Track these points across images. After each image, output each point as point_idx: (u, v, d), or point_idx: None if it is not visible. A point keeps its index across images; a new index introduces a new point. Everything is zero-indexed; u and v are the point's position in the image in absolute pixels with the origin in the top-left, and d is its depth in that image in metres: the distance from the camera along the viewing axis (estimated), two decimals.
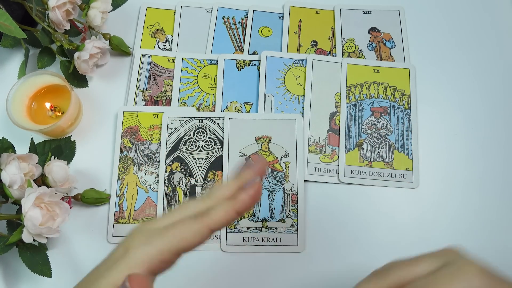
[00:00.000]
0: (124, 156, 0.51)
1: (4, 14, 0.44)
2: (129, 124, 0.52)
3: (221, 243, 0.48)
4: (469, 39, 0.58)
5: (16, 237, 0.41)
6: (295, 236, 0.48)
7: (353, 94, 0.54)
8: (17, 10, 0.54)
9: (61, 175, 0.46)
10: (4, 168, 0.42)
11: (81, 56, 0.51)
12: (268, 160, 0.51)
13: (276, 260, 0.47)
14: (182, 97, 0.54)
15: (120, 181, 0.50)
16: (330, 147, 0.52)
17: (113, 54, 0.57)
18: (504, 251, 0.48)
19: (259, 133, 0.52)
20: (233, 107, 0.54)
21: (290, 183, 0.50)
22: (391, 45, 0.57)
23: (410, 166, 0.51)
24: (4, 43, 0.52)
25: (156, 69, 0.56)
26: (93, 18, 0.52)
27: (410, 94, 0.54)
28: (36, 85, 0.52)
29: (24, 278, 0.46)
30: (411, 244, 0.48)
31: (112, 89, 0.55)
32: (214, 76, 0.55)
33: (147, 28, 0.59)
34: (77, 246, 0.48)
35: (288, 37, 0.58)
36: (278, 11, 0.60)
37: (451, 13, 0.60)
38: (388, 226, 0.49)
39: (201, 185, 0.50)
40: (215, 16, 0.59)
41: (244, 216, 0.49)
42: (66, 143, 0.51)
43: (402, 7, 0.60)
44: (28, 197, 0.40)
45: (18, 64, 0.55)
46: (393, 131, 0.53)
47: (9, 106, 0.49)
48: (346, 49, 0.57)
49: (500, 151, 0.52)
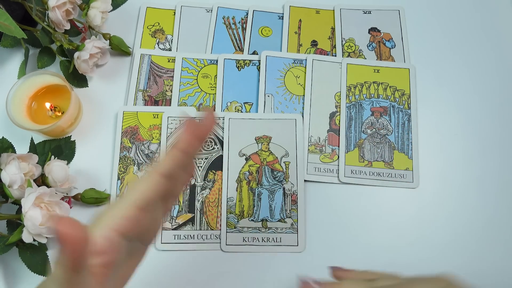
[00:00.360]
0: (124, 156, 0.51)
1: (4, 14, 0.44)
2: (129, 124, 0.52)
3: (221, 243, 0.48)
4: (469, 39, 0.58)
5: (16, 237, 0.41)
6: (295, 236, 0.48)
7: (353, 94, 0.54)
8: (17, 10, 0.54)
9: (61, 175, 0.46)
10: (4, 168, 0.42)
11: (81, 56, 0.51)
12: (268, 160, 0.51)
13: (276, 260, 0.47)
14: (182, 97, 0.54)
15: (120, 181, 0.50)
16: (330, 147, 0.52)
17: (113, 54, 0.57)
18: (503, 250, 0.48)
19: (259, 133, 0.52)
20: (233, 107, 0.54)
21: (290, 183, 0.50)
22: (391, 45, 0.57)
23: (410, 166, 0.51)
24: (4, 43, 0.52)
25: (156, 69, 0.56)
26: (93, 18, 0.52)
27: (410, 94, 0.54)
28: (36, 85, 0.52)
29: (24, 278, 0.46)
30: (411, 244, 0.48)
31: (112, 89, 0.55)
32: (214, 76, 0.55)
33: (147, 28, 0.59)
34: None
35: (288, 37, 0.58)
36: (278, 11, 0.60)
37: (451, 13, 0.60)
38: (388, 226, 0.49)
39: (201, 185, 0.50)
40: (215, 16, 0.59)
41: (244, 216, 0.49)
42: (66, 143, 0.51)
43: (402, 7, 0.60)
44: (28, 197, 0.40)
45: (18, 64, 0.55)
46: (393, 131, 0.53)
47: (9, 106, 0.49)
48: (346, 49, 0.57)
49: (499, 151, 0.52)
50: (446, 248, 0.47)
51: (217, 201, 0.49)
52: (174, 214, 0.49)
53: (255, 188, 0.50)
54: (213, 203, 0.49)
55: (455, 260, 0.47)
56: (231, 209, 0.49)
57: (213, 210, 0.49)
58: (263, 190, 0.50)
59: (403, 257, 0.47)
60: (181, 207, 0.49)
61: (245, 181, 0.50)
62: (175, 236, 0.48)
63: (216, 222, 0.49)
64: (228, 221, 0.48)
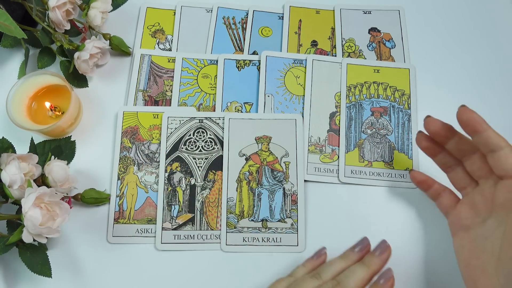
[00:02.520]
0: (124, 156, 0.51)
1: (4, 14, 0.44)
2: (129, 124, 0.52)
3: (221, 243, 0.48)
4: (469, 39, 0.58)
5: (16, 237, 0.41)
6: (295, 236, 0.48)
7: (353, 94, 0.54)
8: (17, 10, 0.54)
9: (61, 175, 0.46)
10: (4, 168, 0.42)
11: (81, 56, 0.51)
12: (268, 160, 0.51)
13: (276, 260, 0.47)
14: (182, 97, 0.54)
15: (120, 181, 0.50)
16: (330, 147, 0.52)
17: (113, 54, 0.57)
18: None
19: (259, 133, 0.52)
20: (233, 107, 0.54)
21: (290, 183, 0.50)
22: (391, 45, 0.57)
23: (410, 166, 0.51)
24: (4, 43, 0.52)
25: (156, 69, 0.56)
26: (93, 18, 0.52)
27: (410, 94, 0.54)
28: (36, 85, 0.52)
29: (24, 278, 0.46)
30: (410, 244, 0.48)
31: (112, 89, 0.55)
32: (214, 76, 0.55)
33: (147, 28, 0.59)
34: (77, 246, 0.48)
35: (288, 37, 0.58)
36: (278, 11, 0.60)
37: (451, 13, 0.60)
38: (388, 226, 0.49)
39: (201, 185, 0.50)
40: (215, 16, 0.59)
41: (244, 216, 0.49)
42: (66, 143, 0.51)
43: (402, 7, 0.60)
44: (28, 197, 0.40)
45: (18, 64, 0.55)
46: (393, 131, 0.53)
47: (9, 106, 0.49)
48: (346, 49, 0.57)
49: None
50: (446, 248, 0.47)
51: (217, 201, 0.49)
52: (174, 214, 0.49)
53: (255, 188, 0.50)
54: (213, 203, 0.49)
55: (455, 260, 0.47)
56: (231, 209, 0.49)
57: (213, 210, 0.49)
58: (263, 190, 0.50)
59: (403, 257, 0.47)
60: (181, 207, 0.49)
61: (245, 181, 0.50)
62: (175, 236, 0.48)
63: (216, 222, 0.49)
64: (228, 221, 0.48)
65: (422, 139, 0.43)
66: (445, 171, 0.44)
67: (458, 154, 0.42)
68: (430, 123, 0.41)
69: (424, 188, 0.46)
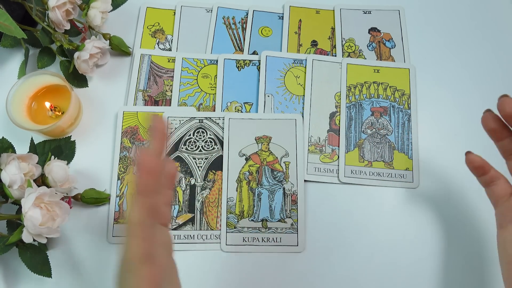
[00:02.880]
0: (124, 156, 0.51)
1: (4, 14, 0.44)
2: (129, 124, 0.52)
3: (221, 243, 0.48)
4: (469, 39, 0.58)
5: (16, 237, 0.41)
6: (295, 236, 0.48)
7: (353, 94, 0.54)
8: (17, 10, 0.54)
9: (61, 175, 0.46)
10: (4, 168, 0.42)
11: (81, 56, 0.51)
12: (268, 160, 0.51)
13: (276, 260, 0.47)
14: (182, 97, 0.54)
15: (120, 181, 0.50)
16: (330, 147, 0.52)
17: (113, 54, 0.57)
18: None
19: (259, 133, 0.52)
20: (233, 107, 0.54)
21: (290, 183, 0.50)
22: (391, 45, 0.57)
23: (410, 166, 0.51)
24: (4, 43, 0.52)
25: (156, 69, 0.56)
26: (93, 18, 0.52)
27: (410, 94, 0.54)
28: (36, 85, 0.52)
29: (24, 278, 0.46)
30: (410, 244, 0.48)
31: (112, 89, 0.55)
32: (214, 76, 0.55)
33: (147, 28, 0.59)
34: (77, 246, 0.48)
35: (288, 37, 0.58)
36: (278, 11, 0.60)
37: (451, 13, 0.60)
38: (388, 226, 0.49)
39: (201, 185, 0.50)
40: (215, 16, 0.59)
41: (244, 216, 0.49)
42: (66, 143, 0.51)
43: (402, 7, 0.60)
44: (28, 197, 0.40)
45: (18, 64, 0.55)
46: (393, 131, 0.53)
47: (9, 106, 0.49)
48: (346, 49, 0.57)
49: None
50: (446, 248, 0.47)
51: (217, 201, 0.49)
52: (174, 214, 0.49)
53: (255, 188, 0.50)
54: (213, 203, 0.49)
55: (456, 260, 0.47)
56: (231, 209, 0.49)
57: (213, 210, 0.49)
58: (263, 190, 0.50)
59: (403, 257, 0.47)
60: (181, 207, 0.49)
61: (245, 181, 0.50)
62: (175, 236, 0.48)
63: (216, 222, 0.49)
64: (228, 221, 0.48)
65: (491, 119, 0.37)
66: (507, 158, 0.39)
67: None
68: (507, 104, 0.35)
69: (479, 174, 0.41)
